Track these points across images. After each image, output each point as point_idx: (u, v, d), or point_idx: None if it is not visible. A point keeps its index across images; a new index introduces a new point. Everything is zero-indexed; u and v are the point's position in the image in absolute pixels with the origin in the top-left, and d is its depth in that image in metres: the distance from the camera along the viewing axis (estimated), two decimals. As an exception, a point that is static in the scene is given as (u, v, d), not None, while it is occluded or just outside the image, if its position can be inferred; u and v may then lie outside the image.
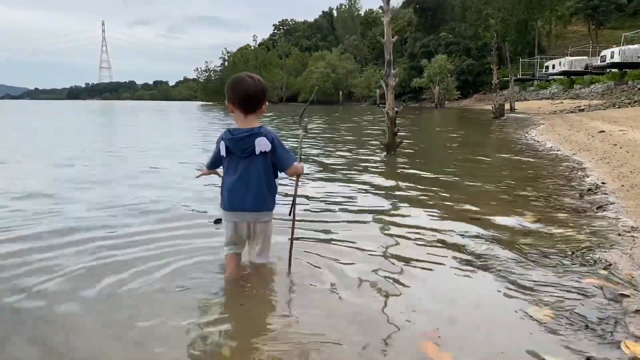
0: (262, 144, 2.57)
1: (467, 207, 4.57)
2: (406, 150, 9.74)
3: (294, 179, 2.87)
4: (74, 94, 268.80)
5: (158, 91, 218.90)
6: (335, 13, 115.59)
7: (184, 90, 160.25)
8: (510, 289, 2.57)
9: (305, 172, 2.80)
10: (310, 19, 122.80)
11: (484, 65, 57.12)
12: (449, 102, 56.11)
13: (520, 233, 3.61)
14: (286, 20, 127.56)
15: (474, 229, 3.73)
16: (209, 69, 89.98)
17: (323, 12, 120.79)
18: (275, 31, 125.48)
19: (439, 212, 4.37)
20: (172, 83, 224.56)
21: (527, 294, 2.49)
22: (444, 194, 5.23)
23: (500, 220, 4.02)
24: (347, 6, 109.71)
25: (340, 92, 77.54)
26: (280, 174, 2.77)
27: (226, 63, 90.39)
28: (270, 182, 2.68)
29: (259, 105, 2.61)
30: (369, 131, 16.43)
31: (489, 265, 2.94)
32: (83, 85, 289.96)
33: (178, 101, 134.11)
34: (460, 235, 3.58)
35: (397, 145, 9.24)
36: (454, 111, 41.51)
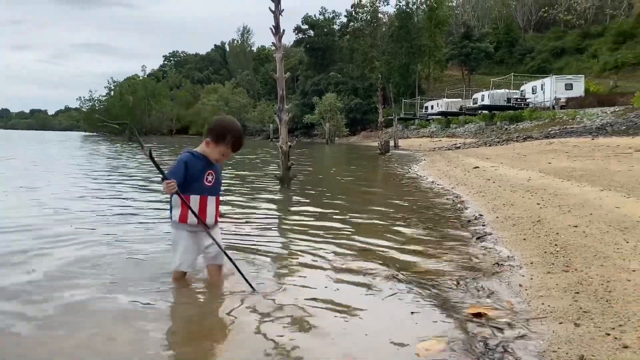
0: None
1: (356, 238, 4.66)
2: (300, 183, 9.81)
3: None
4: None
5: (35, 120, 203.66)
6: (227, 47, 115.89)
7: (65, 120, 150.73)
8: (401, 320, 2.60)
9: (165, 190, 2.89)
10: (202, 52, 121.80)
11: (370, 105, 60.26)
12: (338, 138, 58.08)
13: (407, 264, 3.72)
14: (177, 51, 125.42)
15: (363, 260, 3.79)
16: (93, 98, 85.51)
17: (215, 45, 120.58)
18: (166, 62, 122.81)
19: (330, 243, 4.39)
20: (52, 112, 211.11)
21: (416, 324, 2.54)
22: (335, 226, 5.30)
23: (387, 251, 4.13)
24: (239, 41, 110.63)
25: (233, 126, 77.10)
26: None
27: (112, 92, 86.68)
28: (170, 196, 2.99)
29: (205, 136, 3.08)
30: (263, 165, 16.41)
31: (380, 296, 2.98)
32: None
33: (58, 131, 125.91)
34: (351, 267, 3.61)
35: (291, 178, 9.30)
36: (344, 147, 42.98)
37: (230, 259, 3.02)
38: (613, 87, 42.31)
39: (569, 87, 36.99)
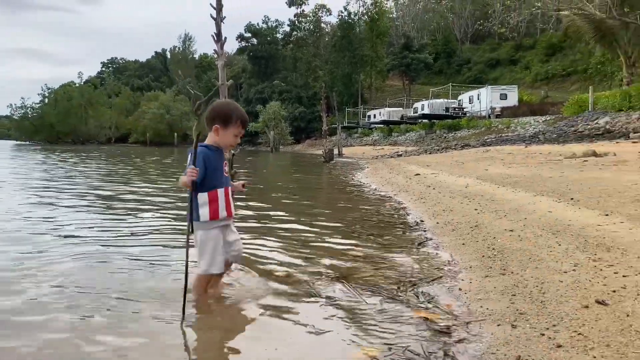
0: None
1: (299, 245, 4.65)
2: (244, 192, 9.67)
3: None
4: None
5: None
6: (168, 54, 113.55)
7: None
8: (342, 327, 2.59)
9: (188, 175, 2.72)
10: (142, 59, 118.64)
11: (314, 113, 60.76)
12: (283, 147, 58.08)
13: (349, 270, 3.73)
14: (115, 58, 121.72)
15: (305, 268, 3.77)
16: (25, 106, 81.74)
17: (156, 52, 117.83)
18: (104, 69, 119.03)
19: (272, 251, 4.35)
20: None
21: (358, 331, 2.53)
22: (281, 234, 5.26)
23: (329, 258, 4.13)
24: (180, 48, 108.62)
25: (175, 134, 75.58)
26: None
27: (46, 100, 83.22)
28: (193, 195, 2.84)
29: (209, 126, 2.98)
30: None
31: (321, 302, 2.97)
32: None
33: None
34: (292, 274, 3.58)
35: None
36: (289, 155, 42.98)
37: (186, 271, 2.79)
38: (544, 97, 44.58)
39: (503, 97, 38.65)
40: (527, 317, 2.49)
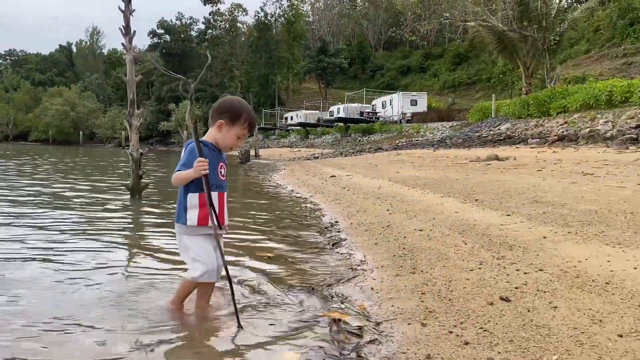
0: None
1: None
2: (153, 194, 9.29)
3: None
4: None
5: None
6: (74, 48, 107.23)
7: None
8: (257, 331, 2.51)
9: (196, 169, 2.52)
10: (45, 52, 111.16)
11: (230, 113, 59.70)
12: (197, 147, 56.67)
13: (263, 273, 3.65)
14: (14, 50, 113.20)
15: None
16: None
17: (60, 46, 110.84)
18: (0, 61, 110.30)
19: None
20: None
21: (272, 334, 2.47)
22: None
23: (243, 260, 4.03)
24: (87, 42, 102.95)
25: (81, 133, 71.42)
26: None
27: None
28: (181, 195, 2.71)
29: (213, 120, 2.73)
30: (112, 174, 15.33)
31: (232, 308, 2.87)
32: None
33: None
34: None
35: (143, 188, 8.75)
36: (203, 156, 41.98)
37: (229, 278, 2.61)
38: (451, 103, 46.95)
39: (414, 103, 40.20)
40: (436, 315, 2.53)
